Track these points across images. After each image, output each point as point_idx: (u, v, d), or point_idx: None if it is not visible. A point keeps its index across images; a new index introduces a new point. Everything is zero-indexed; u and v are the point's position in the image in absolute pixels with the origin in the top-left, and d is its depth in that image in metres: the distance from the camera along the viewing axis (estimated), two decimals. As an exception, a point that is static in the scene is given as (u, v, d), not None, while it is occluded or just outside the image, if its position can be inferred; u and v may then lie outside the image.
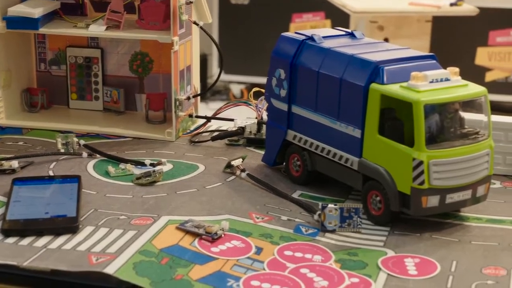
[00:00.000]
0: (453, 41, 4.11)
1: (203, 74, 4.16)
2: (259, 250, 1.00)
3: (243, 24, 4.41)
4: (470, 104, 1.07)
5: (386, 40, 3.83)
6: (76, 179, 1.16)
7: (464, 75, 1.05)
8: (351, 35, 1.21)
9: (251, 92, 1.39)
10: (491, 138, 1.07)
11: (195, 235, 1.02)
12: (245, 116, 1.41)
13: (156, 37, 1.36)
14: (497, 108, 3.92)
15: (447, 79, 1.06)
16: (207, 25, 1.42)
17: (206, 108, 1.35)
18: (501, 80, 4.13)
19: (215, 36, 4.53)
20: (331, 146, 1.13)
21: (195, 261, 0.96)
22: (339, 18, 4.02)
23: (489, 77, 4.21)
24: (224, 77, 4.62)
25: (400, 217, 1.08)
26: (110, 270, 0.92)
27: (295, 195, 1.16)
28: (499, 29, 4.06)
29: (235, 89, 4.52)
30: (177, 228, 1.03)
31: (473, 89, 1.07)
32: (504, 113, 1.46)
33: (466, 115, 1.08)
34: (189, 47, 1.42)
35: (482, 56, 4.18)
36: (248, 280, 0.92)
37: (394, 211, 1.06)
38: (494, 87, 4.16)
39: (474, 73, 4.15)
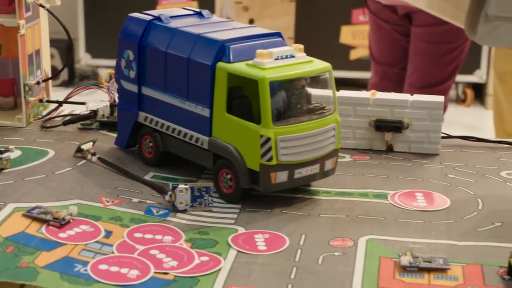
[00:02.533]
0: (317, 21, 4.18)
1: (69, 59, 4.09)
2: (108, 234, 0.98)
3: (109, 6, 4.35)
4: (316, 80, 1.09)
5: (251, 21, 3.86)
6: None
7: (329, 53, 1.07)
8: (199, 14, 1.20)
9: (102, 74, 1.37)
10: (337, 112, 1.09)
11: (43, 221, 1.00)
12: (98, 99, 1.39)
13: (1, 20, 1.32)
14: (362, 85, 4.01)
15: (292, 56, 1.07)
16: (70, 7, 1.39)
17: (73, 94, 1.34)
18: (366, 58, 4.22)
19: (81, 19, 4.45)
20: (182, 127, 1.13)
21: (41, 247, 0.94)
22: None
23: (353, 55, 4.30)
24: (92, 61, 4.55)
25: (252, 194, 1.08)
26: (-49, 261, 0.89)
27: (148, 177, 1.15)
28: (362, 8, 4.14)
29: (104, 74, 4.46)
30: (24, 215, 1.01)
31: (317, 65, 1.08)
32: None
33: (313, 91, 1.10)
34: (37, 31, 1.38)
35: (346, 35, 4.26)
36: (96, 264, 0.91)
37: (244, 188, 1.06)
38: (359, 64, 4.26)
39: (339, 52, 4.23)
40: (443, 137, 1.28)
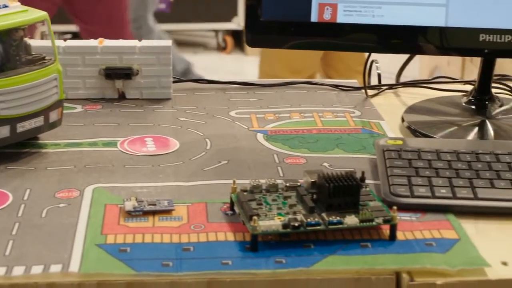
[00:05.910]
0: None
1: None
2: None
3: None
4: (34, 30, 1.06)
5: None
6: None
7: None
8: None
9: None
10: (58, 62, 1.07)
11: None
12: None
13: None
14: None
15: (5, 6, 1.03)
16: None
17: None
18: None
19: None
20: None
21: None
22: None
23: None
24: None
25: (-25, 153, 1.04)
26: None
27: None
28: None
29: None
30: None
31: (33, 14, 1.05)
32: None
33: (33, 42, 1.07)
34: None
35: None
36: None
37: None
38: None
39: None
40: (174, 82, 1.29)
